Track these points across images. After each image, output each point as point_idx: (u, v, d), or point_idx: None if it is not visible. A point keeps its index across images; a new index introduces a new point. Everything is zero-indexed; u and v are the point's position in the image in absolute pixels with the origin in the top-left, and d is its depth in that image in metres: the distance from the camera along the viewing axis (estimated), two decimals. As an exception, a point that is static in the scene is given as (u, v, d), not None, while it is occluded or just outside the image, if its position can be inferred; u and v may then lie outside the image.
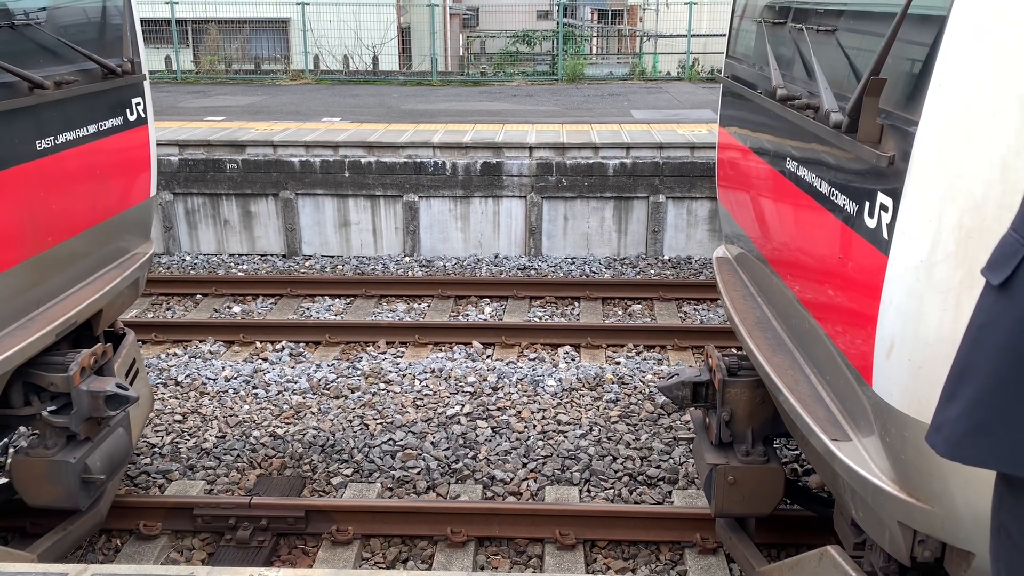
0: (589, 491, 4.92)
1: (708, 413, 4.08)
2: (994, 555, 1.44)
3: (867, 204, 2.58)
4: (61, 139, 3.91)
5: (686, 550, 4.35)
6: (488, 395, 6.08)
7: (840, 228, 2.82)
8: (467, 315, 7.93)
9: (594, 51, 24.54)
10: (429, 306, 8.12)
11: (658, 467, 5.12)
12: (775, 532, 4.30)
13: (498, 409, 5.88)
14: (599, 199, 9.60)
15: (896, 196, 2.36)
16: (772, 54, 3.64)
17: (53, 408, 3.90)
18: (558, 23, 20.18)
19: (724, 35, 5.11)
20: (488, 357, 6.93)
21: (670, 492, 4.88)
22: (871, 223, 2.55)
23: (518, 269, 9.28)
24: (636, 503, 4.79)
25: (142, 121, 4.68)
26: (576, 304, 8.16)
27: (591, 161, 9.51)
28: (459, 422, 5.68)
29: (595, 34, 25.40)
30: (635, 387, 6.21)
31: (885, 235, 2.43)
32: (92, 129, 4.16)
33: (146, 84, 4.66)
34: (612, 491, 4.91)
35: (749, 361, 3.83)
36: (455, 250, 9.84)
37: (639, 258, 9.65)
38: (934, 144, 2.21)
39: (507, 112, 12.79)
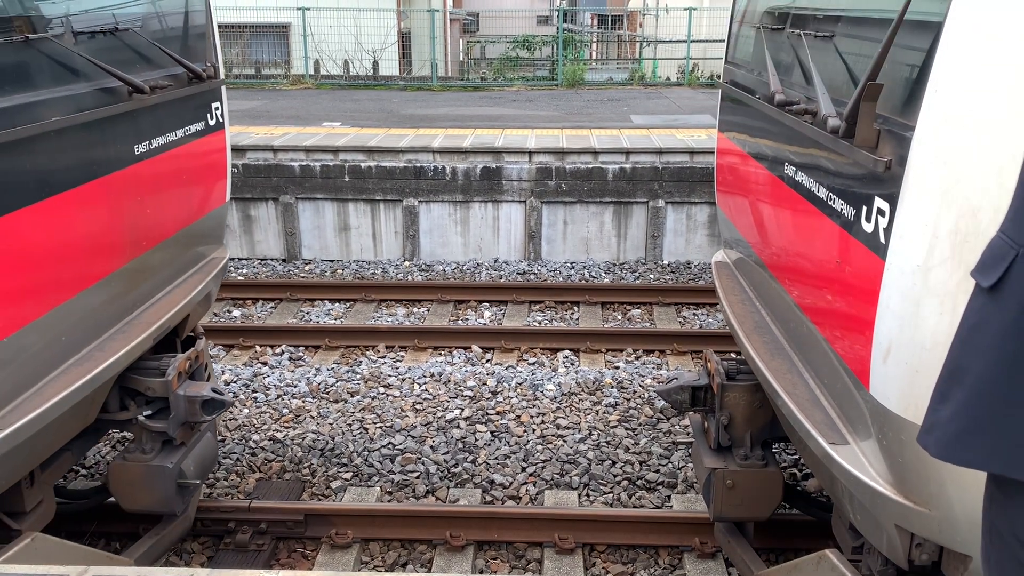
0: (588, 495, 4.92)
1: (707, 417, 4.09)
2: (985, 556, 1.45)
3: (864, 209, 2.60)
4: (155, 143, 3.95)
5: (685, 554, 4.36)
6: (487, 399, 6.09)
7: (838, 233, 2.83)
8: (467, 319, 7.94)
9: (594, 56, 24.59)
10: (429, 310, 8.13)
11: (657, 471, 5.12)
12: (774, 536, 4.30)
13: (497, 413, 5.89)
14: (599, 204, 9.62)
15: (893, 200, 2.38)
16: (770, 59, 3.66)
17: (148, 413, 3.89)
18: (558, 28, 20.23)
19: (723, 40, 5.13)
20: (487, 361, 6.94)
21: (669, 496, 4.88)
22: (868, 227, 2.56)
23: (518, 274, 9.30)
24: (635, 507, 4.80)
25: (220, 125, 4.74)
26: (575, 308, 8.17)
27: (591, 166, 9.53)
28: (458, 426, 5.69)
29: (595, 39, 25.46)
30: (634, 391, 6.21)
31: (882, 239, 2.44)
32: (180, 133, 4.22)
33: (223, 88, 4.72)
34: (611, 495, 4.91)
35: (747, 365, 3.84)
36: (455, 255, 9.86)
37: (638, 263, 9.66)
38: (930, 149, 2.23)
39: (507, 117, 12.81)
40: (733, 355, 4.39)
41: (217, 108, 4.65)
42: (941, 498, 2.39)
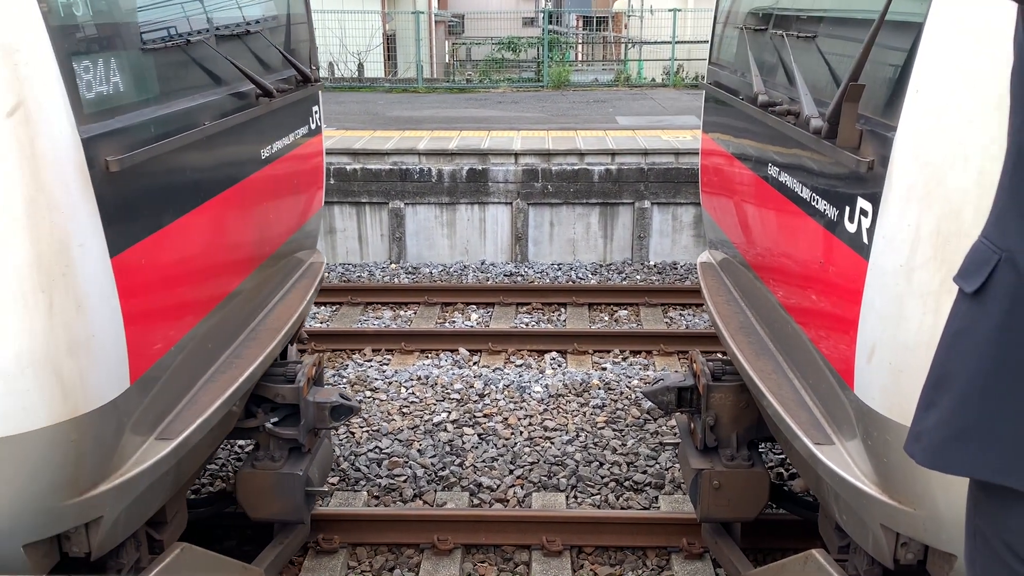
0: (576, 497, 4.92)
1: (693, 418, 4.09)
2: (969, 559, 1.45)
3: (847, 209, 2.60)
4: (275, 148, 3.94)
5: (672, 555, 4.36)
6: (474, 402, 6.07)
7: (821, 233, 2.84)
8: (453, 322, 7.92)
9: (579, 58, 24.63)
10: (415, 313, 8.11)
11: (644, 472, 5.13)
12: (760, 536, 4.31)
13: (484, 416, 5.87)
14: (585, 205, 9.62)
15: (875, 201, 2.38)
16: (754, 60, 3.67)
17: (275, 420, 3.84)
18: (543, 30, 20.24)
19: (707, 42, 5.14)
20: (474, 364, 6.92)
21: (657, 497, 4.88)
22: (851, 228, 2.56)
23: (504, 275, 9.29)
24: (623, 508, 4.80)
25: (319, 129, 4.74)
26: (562, 310, 8.17)
27: (577, 167, 9.54)
28: (445, 429, 5.67)
29: (580, 41, 25.50)
30: (621, 392, 6.21)
31: (865, 240, 2.45)
32: (292, 138, 4.23)
33: (320, 92, 4.73)
34: (599, 497, 4.91)
35: (733, 366, 3.85)
36: (441, 257, 9.84)
37: (625, 264, 9.67)
38: (912, 149, 2.24)
39: (493, 119, 12.81)
40: (719, 356, 4.40)
41: (316, 111, 4.67)
42: (926, 497, 2.40)
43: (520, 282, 9.04)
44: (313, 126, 4.62)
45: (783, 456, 5.22)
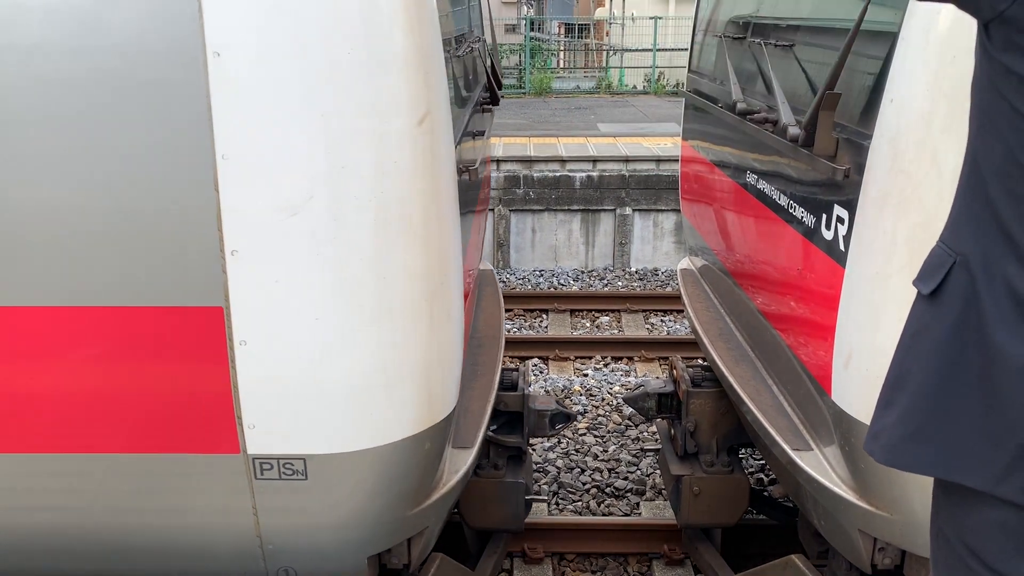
0: (557, 504, 4.91)
1: (673, 424, 4.10)
2: (934, 560, 1.47)
3: (824, 216, 2.62)
4: (481, 155, 3.96)
5: (654, 561, 4.36)
6: (456, 409, 6.06)
7: (799, 240, 2.86)
8: (435, 328, 7.91)
9: (561, 65, 24.69)
10: (397, 320, 8.09)
11: (625, 479, 5.13)
12: (741, 542, 4.32)
13: (466, 423, 5.86)
14: (566, 212, 9.64)
15: (852, 209, 2.40)
16: (732, 69, 3.69)
17: (494, 427, 3.80)
18: (526, 37, 20.29)
19: (688, 49, 5.17)
20: (456, 370, 6.91)
21: (638, 504, 4.89)
22: (828, 235, 2.58)
23: (486, 282, 9.28)
24: (604, 515, 4.80)
25: (487, 136, 4.80)
26: (544, 316, 8.17)
27: (558, 174, 9.56)
28: (427, 436, 5.65)
29: (562, 48, 25.58)
30: (603, 399, 6.22)
31: (842, 247, 2.47)
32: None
33: None
34: (580, 503, 4.91)
35: (713, 372, 3.86)
36: (423, 263, 9.82)
37: (606, 270, 9.69)
38: (887, 158, 2.26)
39: (474, 125, 12.80)
40: (699, 362, 4.42)
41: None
42: (903, 503, 2.42)
43: (502, 288, 9.04)
44: (488, 135, 4.71)
45: (762, 461, 5.24)
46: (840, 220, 2.49)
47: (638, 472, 5.20)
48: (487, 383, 3.34)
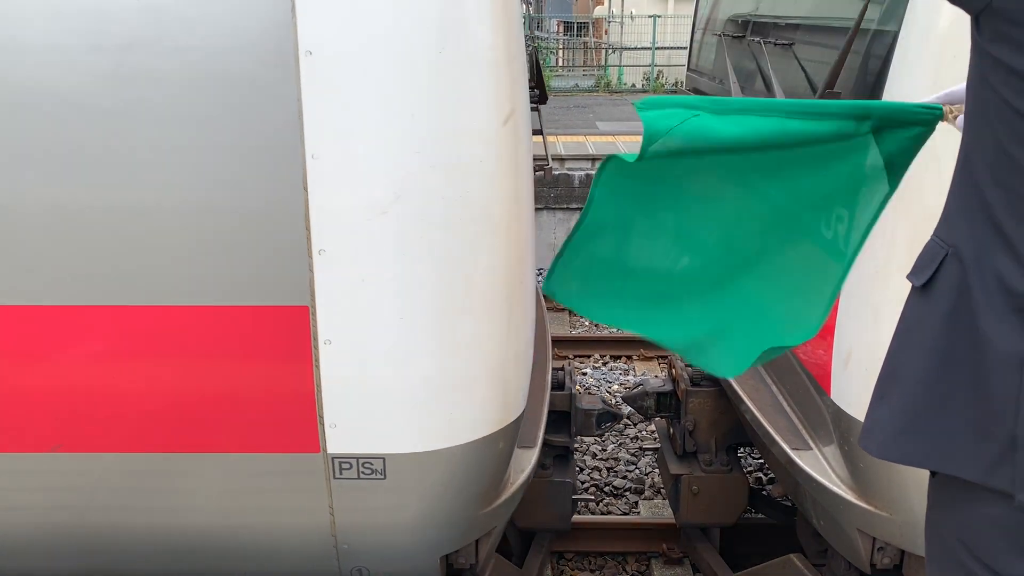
0: (555, 503, 4.91)
1: (672, 423, 4.10)
2: (928, 555, 1.46)
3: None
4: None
5: (652, 560, 4.36)
6: (454, 407, 6.05)
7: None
8: (433, 327, 7.90)
9: (560, 63, 24.69)
10: (395, 318, 8.08)
11: (624, 478, 5.13)
12: (739, 541, 4.32)
13: (464, 421, 5.85)
14: (565, 211, 9.63)
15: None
16: (731, 67, 3.69)
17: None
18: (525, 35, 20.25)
19: (687, 48, 5.16)
20: (454, 369, 6.90)
21: (636, 503, 4.89)
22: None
23: (485, 280, 9.27)
24: (603, 514, 4.79)
25: None
26: (543, 315, 8.17)
27: (557, 173, 9.55)
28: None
29: (561, 46, 25.57)
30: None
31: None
32: None
33: None
34: (579, 502, 4.90)
35: (712, 371, 3.86)
36: (421, 262, 9.82)
37: (605, 269, 9.69)
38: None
39: (473, 124, 12.79)
40: (698, 361, 4.41)
41: None
42: (902, 502, 2.41)
43: (500, 287, 9.03)
44: None
45: (761, 461, 5.24)
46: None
47: (637, 471, 5.19)
48: (540, 382, 3.34)
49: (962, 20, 2.09)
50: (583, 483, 5.07)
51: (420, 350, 2.28)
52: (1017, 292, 1.20)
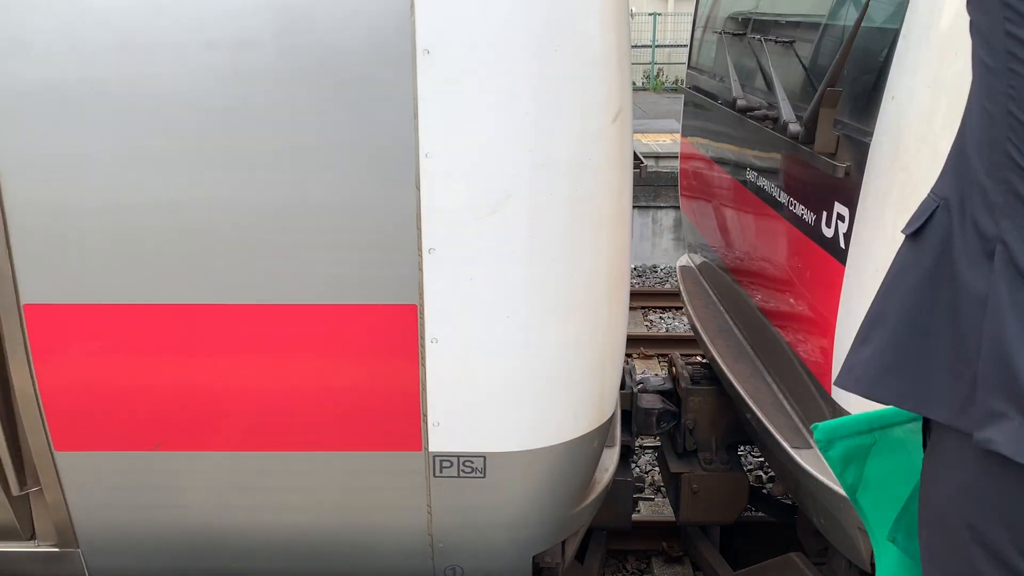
0: (555, 501, 4.91)
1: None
2: (925, 544, 1.45)
3: (824, 214, 2.61)
4: None
5: (652, 559, 4.36)
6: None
7: (798, 238, 2.85)
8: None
9: (560, 61, 24.67)
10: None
11: (624, 476, 5.12)
12: (739, 539, 4.32)
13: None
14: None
15: (852, 206, 2.39)
16: (732, 65, 3.68)
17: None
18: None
19: (687, 45, 5.15)
20: (454, 367, 6.89)
21: (636, 501, 4.89)
22: (828, 232, 2.58)
23: (485, 279, 9.27)
24: (602, 512, 4.79)
25: None
26: (543, 313, 8.16)
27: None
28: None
29: (561, 44, 25.57)
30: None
31: (842, 244, 2.46)
32: None
33: None
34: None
35: (712, 369, 3.86)
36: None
37: (605, 267, 9.69)
38: (888, 155, 2.25)
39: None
40: (699, 359, 4.41)
41: None
42: (902, 501, 2.41)
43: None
44: None
45: (761, 459, 5.24)
46: (840, 217, 2.48)
47: (637, 469, 5.19)
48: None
49: (964, 18, 2.09)
50: (583, 481, 5.07)
51: (525, 349, 2.28)
52: (987, 236, 1.26)
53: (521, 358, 2.29)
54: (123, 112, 2.11)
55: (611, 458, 2.84)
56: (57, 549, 2.60)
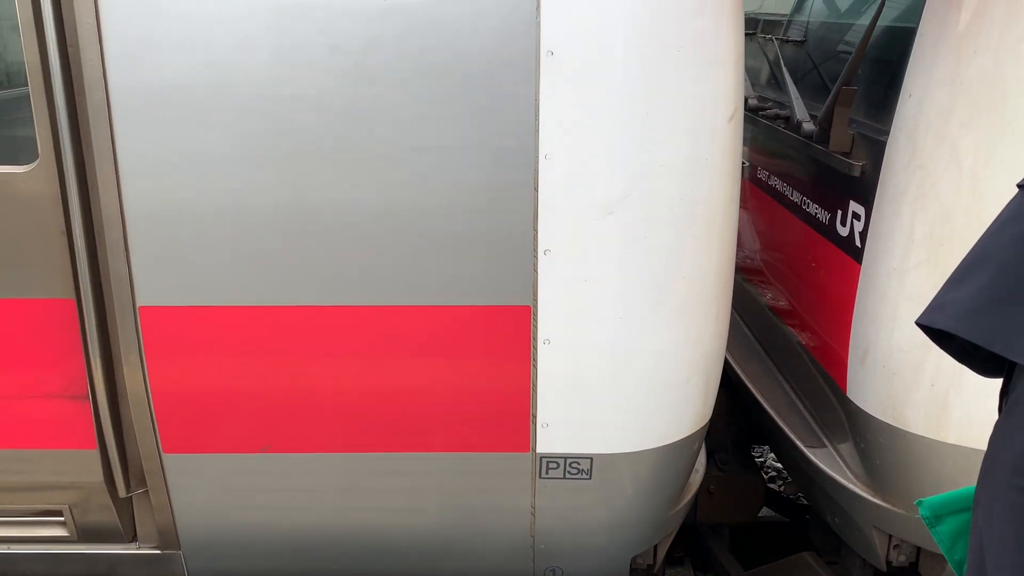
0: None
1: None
2: (975, 538, 1.44)
3: (839, 213, 2.61)
4: None
5: (662, 559, 4.34)
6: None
7: (812, 237, 2.85)
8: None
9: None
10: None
11: (635, 476, 5.11)
12: (751, 539, 4.30)
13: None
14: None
15: (868, 205, 2.39)
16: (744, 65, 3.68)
17: None
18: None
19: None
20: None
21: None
22: (843, 231, 2.57)
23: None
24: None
25: None
26: (551, 314, 8.13)
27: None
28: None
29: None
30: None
31: (858, 243, 2.46)
32: None
33: None
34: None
35: (725, 369, 3.84)
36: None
37: (613, 268, 9.64)
38: (905, 153, 2.25)
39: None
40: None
41: None
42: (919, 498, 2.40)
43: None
44: None
45: (774, 458, 5.23)
46: (856, 216, 2.48)
47: (647, 469, 5.18)
48: None
49: (981, 15, 2.08)
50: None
51: (637, 351, 2.27)
52: None
53: (632, 359, 2.28)
54: (245, 114, 2.10)
55: (700, 461, 2.83)
56: (159, 551, 2.59)
